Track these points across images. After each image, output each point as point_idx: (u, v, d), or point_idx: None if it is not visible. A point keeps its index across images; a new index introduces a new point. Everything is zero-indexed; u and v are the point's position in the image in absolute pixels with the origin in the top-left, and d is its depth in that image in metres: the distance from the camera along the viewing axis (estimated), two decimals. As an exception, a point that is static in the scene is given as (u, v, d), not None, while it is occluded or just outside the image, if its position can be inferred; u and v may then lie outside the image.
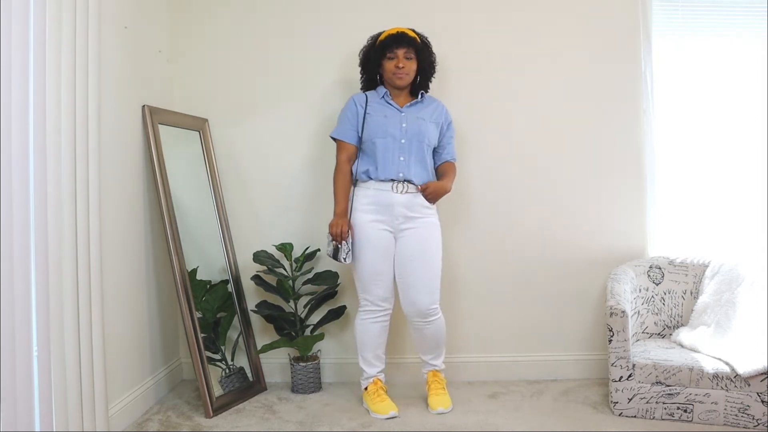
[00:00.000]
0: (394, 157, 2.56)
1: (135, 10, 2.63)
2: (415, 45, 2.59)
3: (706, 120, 3.05)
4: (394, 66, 2.57)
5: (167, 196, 2.67)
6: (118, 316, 2.46)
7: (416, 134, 2.59)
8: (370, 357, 2.67)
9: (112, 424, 2.34)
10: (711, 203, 3.06)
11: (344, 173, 2.61)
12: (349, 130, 2.63)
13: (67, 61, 1.99)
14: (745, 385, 2.40)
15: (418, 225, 2.58)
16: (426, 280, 2.57)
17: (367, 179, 2.59)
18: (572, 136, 3.01)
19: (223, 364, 2.83)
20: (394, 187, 2.55)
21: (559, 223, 3.02)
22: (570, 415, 2.58)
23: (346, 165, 2.61)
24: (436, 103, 2.72)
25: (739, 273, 2.71)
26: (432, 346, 2.68)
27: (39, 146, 1.86)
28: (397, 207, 2.55)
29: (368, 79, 2.71)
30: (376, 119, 2.59)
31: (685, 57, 3.04)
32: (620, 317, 2.51)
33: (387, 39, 2.58)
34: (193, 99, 3.03)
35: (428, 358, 2.72)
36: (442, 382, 2.70)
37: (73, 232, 2.03)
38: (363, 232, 2.56)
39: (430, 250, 2.59)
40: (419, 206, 2.59)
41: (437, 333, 2.64)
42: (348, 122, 2.63)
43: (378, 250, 2.56)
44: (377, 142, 2.57)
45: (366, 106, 2.62)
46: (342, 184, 2.59)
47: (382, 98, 2.64)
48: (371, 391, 2.65)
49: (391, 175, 2.56)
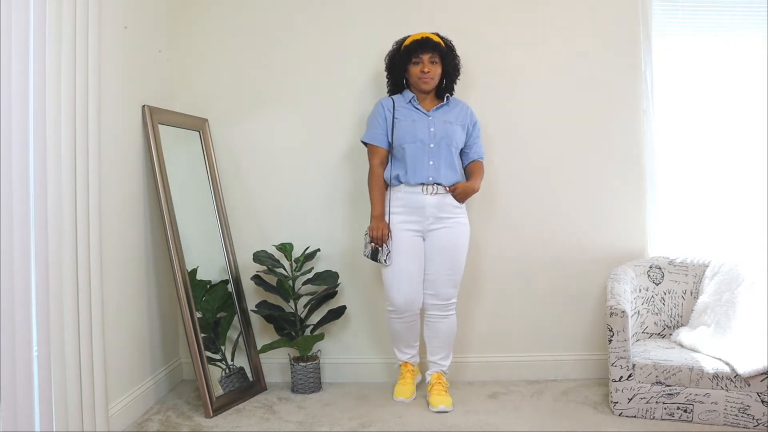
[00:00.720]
0: (423, 162, 2.62)
1: (135, 10, 2.63)
2: (440, 49, 2.64)
3: (706, 120, 3.05)
4: (420, 71, 2.62)
5: (167, 196, 2.67)
6: (118, 316, 2.46)
7: (444, 137, 2.64)
8: (401, 346, 2.81)
9: (112, 424, 2.34)
10: (711, 203, 3.06)
11: (378, 177, 2.67)
12: (380, 134, 2.67)
13: (67, 61, 1.99)
14: (745, 385, 2.40)
15: (448, 225, 2.65)
16: (450, 275, 2.66)
17: (398, 183, 2.65)
18: (572, 136, 3.01)
19: (223, 364, 2.83)
20: (425, 189, 2.62)
21: (559, 223, 3.02)
22: (570, 415, 2.58)
23: (379, 169, 2.67)
24: (462, 105, 2.76)
25: (739, 273, 2.71)
26: (443, 344, 2.74)
27: (39, 146, 1.86)
28: (428, 208, 2.62)
29: (394, 83, 2.76)
30: (404, 124, 2.64)
31: (685, 57, 3.04)
32: (620, 317, 2.51)
33: (412, 44, 2.63)
34: (193, 99, 3.03)
35: (437, 358, 2.75)
36: (445, 385, 2.73)
37: (73, 232, 2.03)
38: (395, 234, 2.63)
39: (456, 247, 2.67)
40: (449, 206, 2.65)
41: (449, 330, 2.73)
42: (379, 126, 2.68)
43: (408, 252, 2.64)
44: (407, 147, 2.62)
45: (394, 110, 2.67)
46: (377, 187, 2.66)
47: (408, 102, 2.69)
48: (401, 372, 2.81)
49: (421, 179, 2.62)
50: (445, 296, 2.68)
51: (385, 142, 2.67)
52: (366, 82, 2.99)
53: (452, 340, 2.76)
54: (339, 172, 3.03)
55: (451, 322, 2.73)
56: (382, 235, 2.59)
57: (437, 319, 2.71)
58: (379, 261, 2.62)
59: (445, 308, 2.70)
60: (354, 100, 3.01)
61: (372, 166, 2.68)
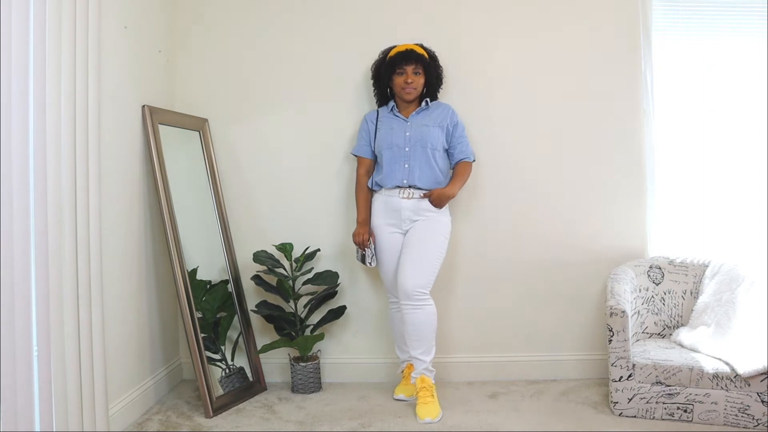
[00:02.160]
0: (399, 166, 2.71)
1: (135, 10, 2.63)
2: (423, 61, 2.74)
3: (706, 120, 3.05)
4: (404, 81, 2.72)
5: (167, 196, 2.67)
6: (118, 316, 2.46)
7: (419, 140, 2.71)
8: (400, 342, 2.83)
9: (112, 424, 2.34)
10: (711, 203, 3.06)
11: (362, 185, 2.84)
12: (364, 146, 2.85)
13: (67, 61, 1.99)
14: (745, 385, 2.40)
15: (424, 217, 2.71)
16: (417, 263, 2.63)
17: (379, 188, 2.78)
18: (572, 136, 3.01)
19: (223, 364, 2.83)
20: (401, 193, 2.71)
21: (558, 223, 3.02)
22: (570, 415, 2.58)
23: (363, 178, 2.85)
24: (444, 107, 2.82)
25: (739, 273, 2.71)
26: (419, 337, 2.62)
27: (39, 146, 1.86)
28: (404, 211, 2.71)
29: (380, 93, 2.87)
30: (383, 133, 2.78)
31: (685, 57, 3.04)
32: (620, 317, 2.51)
33: (396, 56, 2.72)
34: (193, 99, 3.03)
35: (417, 352, 2.63)
36: (431, 389, 2.62)
37: (73, 232, 2.03)
38: (377, 236, 2.76)
39: (425, 237, 2.68)
40: (424, 210, 2.70)
41: (425, 322, 2.61)
42: (362, 139, 2.86)
43: (390, 250, 2.74)
44: (384, 153, 2.75)
45: (377, 121, 2.82)
46: (361, 195, 2.83)
47: (390, 111, 2.82)
48: (404, 375, 2.84)
49: (396, 182, 2.71)
50: (410, 286, 2.58)
51: (369, 152, 2.84)
52: (366, 82, 2.99)
53: (429, 333, 2.63)
54: (339, 172, 3.03)
55: (425, 314, 2.60)
56: (362, 240, 2.73)
57: (408, 310, 2.61)
58: (366, 264, 2.74)
59: (413, 298, 2.59)
60: (354, 100, 3.01)
61: (357, 176, 2.86)
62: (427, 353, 2.65)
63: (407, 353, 2.78)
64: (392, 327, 2.86)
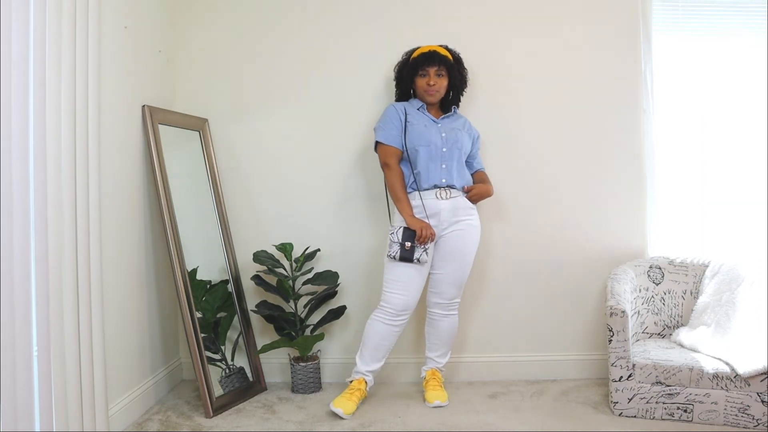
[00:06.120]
0: (436, 165, 2.63)
1: (135, 10, 2.63)
2: (447, 63, 2.68)
3: (706, 120, 3.05)
4: (426, 83, 2.66)
5: (167, 195, 2.67)
6: (118, 316, 2.46)
7: (455, 143, 2.67)
8: (369, 354, 2.67)
9: (112, 424, 2.34)
10: (711, 203, 3.06)
11: (400, 175, 2.64)
12: (396, 136, 2.65)
13: (67, 61, 1.99)
14: (745, 385, 2.40)
15: (460, 227, 2.67)
16: (458, 276, 2.69)
17: (411, 191, 2.65)
18: (572, 136, 3.01)
19: (223, 364, 2.83)
20: (438, 194, 2.63)
21: (558, 223, 3.02)
22: (570, 415, 2.58)
23: (399, 167, 2.65)
24: (464, 118, 2.82)
25: (739, 273, 2.71)
26: (443, 341, 2.77)
27: (39, 146, 1.86)
28: (444, 213, 2.63)
29: (402, 92, 2.79)
30: (418, 128, 2.65)
31: (685, 57, 3.04)
32: (620, 317, 2.51)
33: (419, 57, 2.67)
34: (193, 99, 3.03)
35: (435, 355, 2.79)
36: (440, 380, 2.78)
37: (73, 232, 2.03)
38: None
39: (465, 250, 2.69)
40: (462, 209, 2.68)
41: (450, 328, 2.76)
42: (394, 128, 2.66)
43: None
44: (420, 150, 2.62)
45: (406, 114, 2.68)
46: (403, 186, 2.63)
47: (418, 110, 2.71)
48: (351, 386, 2.66)
49: (434, 181, 2.63)
50: (449, 296, 2.71)
51: (400, 143, 2.65)
52: (365, 82, 2.99)
53: (452, 339, 2.79)
54: (339, 172, 3.03)
55: (452, 321, 2.76)
56: (431, 234, 2.56)
57: (439, 317, 2.75)
58: (411, 260, 2.55)
59: (447, 307, 2.73)
60: (353, 100, 3.01)
61: (391, 166, 2.63)
62: (444, 356, 2.81)
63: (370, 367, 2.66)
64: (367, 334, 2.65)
